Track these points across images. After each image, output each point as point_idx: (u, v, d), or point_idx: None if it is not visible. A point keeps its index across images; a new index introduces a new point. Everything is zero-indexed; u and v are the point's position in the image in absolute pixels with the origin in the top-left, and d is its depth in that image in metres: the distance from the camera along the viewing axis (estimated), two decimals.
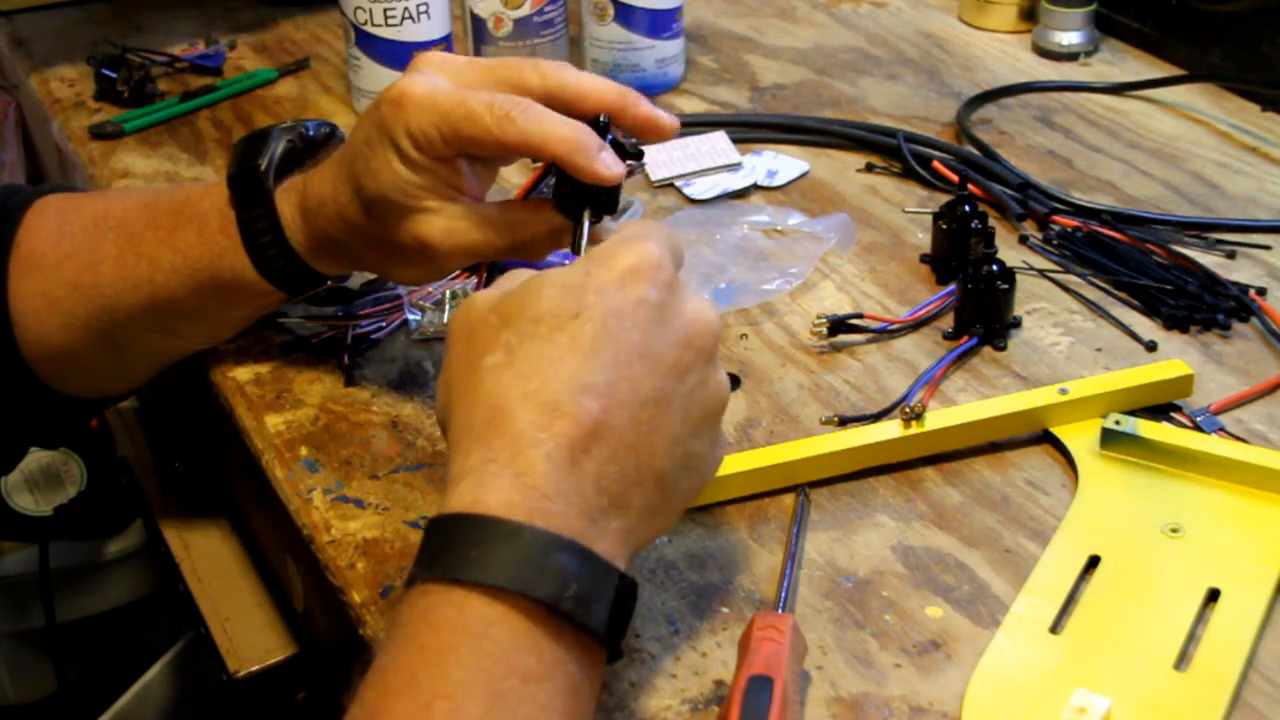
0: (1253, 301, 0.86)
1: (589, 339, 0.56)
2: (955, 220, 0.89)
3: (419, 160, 0.69)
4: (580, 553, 0.53)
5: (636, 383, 0.56)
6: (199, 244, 0.76)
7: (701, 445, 0.59)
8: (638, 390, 0.56)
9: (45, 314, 0.78)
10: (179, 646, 1.13)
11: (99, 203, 0.82)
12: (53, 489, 1.09)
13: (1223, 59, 1.15)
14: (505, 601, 0.52)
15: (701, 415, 0.59)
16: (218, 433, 0.93)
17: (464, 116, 0.67)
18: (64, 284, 0.78)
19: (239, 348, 0.86)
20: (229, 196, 0.75)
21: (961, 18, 1.30)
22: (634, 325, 0.57)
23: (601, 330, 0.56)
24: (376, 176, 0.69)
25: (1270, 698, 0.61)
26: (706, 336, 0.59)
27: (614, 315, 0.57)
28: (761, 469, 0.73)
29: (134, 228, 0.78)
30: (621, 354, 0.56)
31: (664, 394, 0.57)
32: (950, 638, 0.65)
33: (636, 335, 0.57)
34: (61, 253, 0.79)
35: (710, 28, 1.29)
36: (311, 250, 0.75)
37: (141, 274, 0.77)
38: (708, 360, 0.59)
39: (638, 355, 0.56)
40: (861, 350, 0.84)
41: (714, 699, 0.62)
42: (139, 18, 1.33)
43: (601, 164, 0.68)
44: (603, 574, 0.54)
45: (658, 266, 0.58)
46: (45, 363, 0.80)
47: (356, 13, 1.08)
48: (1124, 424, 0.73)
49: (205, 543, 1.03)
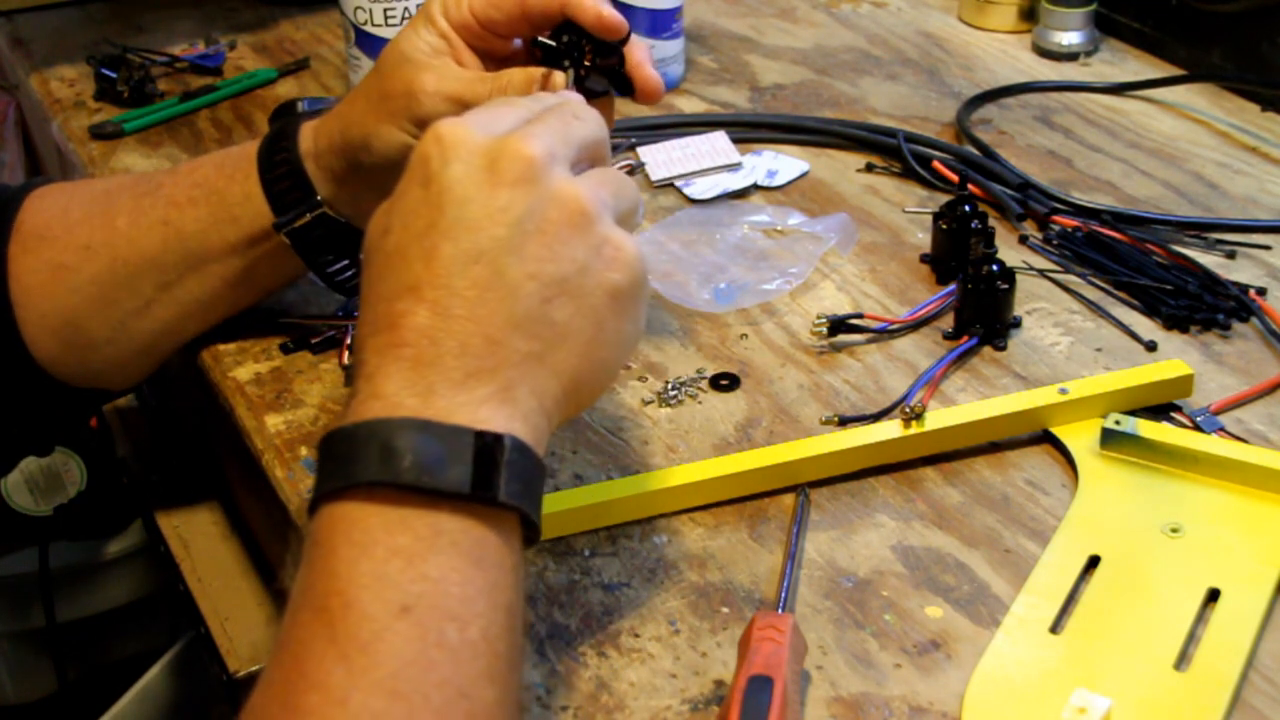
0: (1253, 301, 0.86)
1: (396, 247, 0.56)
2: (955, 220, 0.89)
3: (441, 26, 0.75)
4: (416, 425, 0.53)
5: (449, 259, 0.55)
6: (216, 173, 0.80)
7: (562, 264, 0.56)
8: (452, 265, 0.55)
9: (51, 284, 0.80)
10: (179, 646, 1.12)
11: (106, 180, 0.85)
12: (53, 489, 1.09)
13: (1223, 59, 1.15)
14: (362, 496, 0.52)
15: (547, 236, 0.56)
16: (218, 433, 0.93)
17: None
18: (74, 248, 0.80)
19: (239, 347, 0.86)
20: None
21: (961, 18, 1.30)
22: (431, 208, 0.56)
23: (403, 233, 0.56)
24: (397, 41, 0.76)
25: (1270, 698, 0.61)
26: (511, 161, 0.56)
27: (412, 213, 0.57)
28: (761, 469, 0.73)
29: (153, 179, 0.81)
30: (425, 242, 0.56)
31: (482, 250, 0.55)
32: (950, 638, 0.65)
33: (435, 215, 0.56)
34: (72, 220, 0.80)
35: (710, 28, 1.29)
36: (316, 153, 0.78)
37: (157, 215, 0.79)
38: (527, 181, 0.56)
39: (442, 233, 0.55)
40: (861, 350, 0.84)
41: (714, 699, 0.62)
42: (139, 18, 1.33)
43: (606, 9, 0.72)
44: (451, 437, 0.53)
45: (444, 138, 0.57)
46: (47, 341, 0.80)
47: (356, 13, 1.08)
48: (1124, 424, 0.73)
49: (205, 543, 1.03)
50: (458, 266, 0.55)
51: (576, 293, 0.57)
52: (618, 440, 0.77)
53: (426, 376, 0.54)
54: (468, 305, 0.55)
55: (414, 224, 0.56)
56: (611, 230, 0.58)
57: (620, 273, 0.58)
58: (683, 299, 0.88)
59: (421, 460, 0.52)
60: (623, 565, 0.69)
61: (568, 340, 0.57)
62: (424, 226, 0.56)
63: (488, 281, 0.55)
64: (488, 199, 0.56)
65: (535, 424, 0.56)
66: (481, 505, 0.53)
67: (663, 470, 0.73)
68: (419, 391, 0.54)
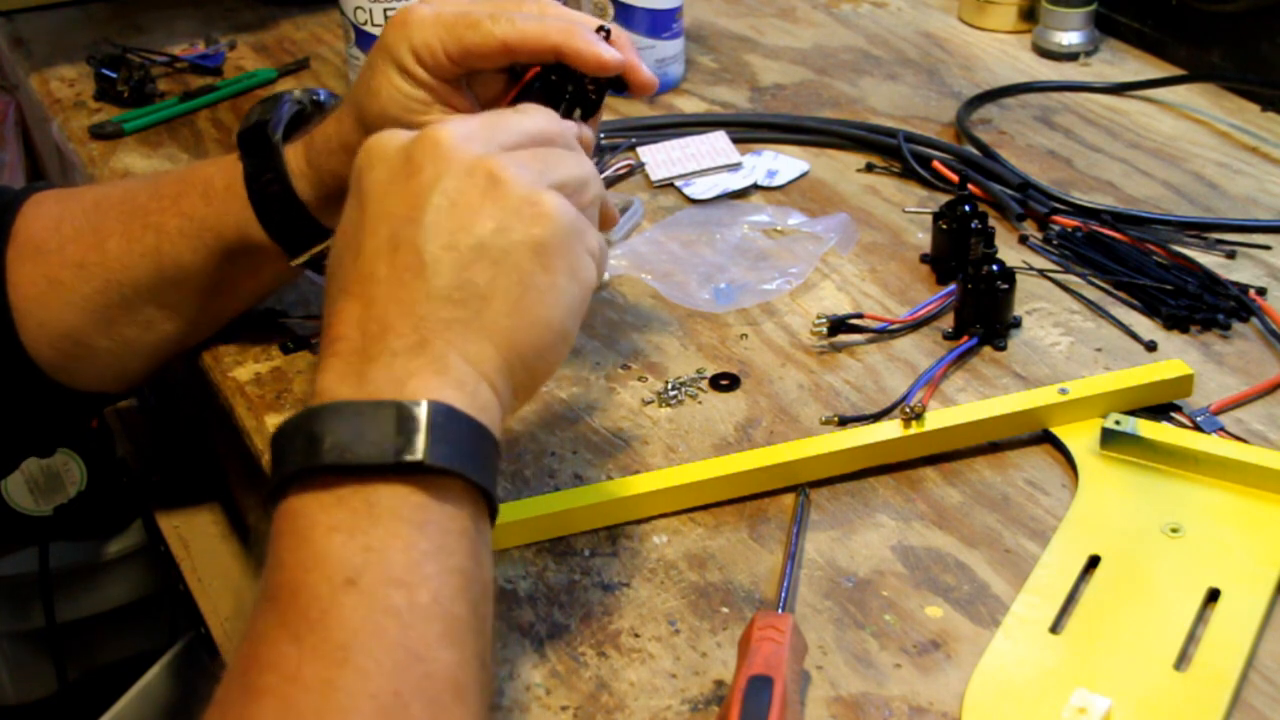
0: (1253, 301, 0.86)
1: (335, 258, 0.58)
2: (955, 220, 0.89)
3: (420, 75, 0.72)
4: (333, 409, 0.53)
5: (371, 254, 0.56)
6: (204, 206, 0.78)
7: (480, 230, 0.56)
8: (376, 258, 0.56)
9: (48, 297, 0.79)
10: (179, 646, 1.12)
11: (99, 189, 0.84)
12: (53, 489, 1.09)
13: (1223, 59, 1.15)
14: (296, 489, 0.53)
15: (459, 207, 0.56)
16: (218, 433, 0.93)
17: (466, 26, 0.71)
18: (68, 265, 0.79)
19: (239, 347, 0.86)
20: (238, 154, 0.77)
21: (961, 18, 1.30)
22: (360, 214, 0.57)
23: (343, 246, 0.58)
24: (378, 95, 0.73)
25: (1270, 698, 0.61)
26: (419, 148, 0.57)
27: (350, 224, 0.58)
28: (761, 469, 0.73)
29: (137, 201, 0.79)
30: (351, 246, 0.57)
31: (398, 236, 0.56)
32: (950, 638, 0.65)
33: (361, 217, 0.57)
34: (64, 236, 0.80)
35: (710, 28, 1.29)
36: (317, 200, 0.77)
37: (148, 244, 0.78)
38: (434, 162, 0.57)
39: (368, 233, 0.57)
40: (861, 350, 0.84)
41: (714, 699, 0.62)
42: (139, 18, 1.33)
43: (602, 48, 0.70)
44: (370, 412, 0.53)
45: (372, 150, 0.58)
46: (46, 350, 0.80)
47: (356, 13, 1.08)
48: (1124, 424, 0.73)
49: (205, 543, 1.03)
50: (379, 257, 0.56)
51: (497, 255, 0.56)
52: (618, 440, 0.77)
53: (356, 365, 0.55)
54: (389, 288, 0.55)
55: (346, 230, 0.58)
56: (530, 190, 0.57)
57: (541, 227, 0.57)
58: (683, 299, 0.88)
59: (339, 440, 0.52)
60: (623, 565, 0.69)
61: (493, 301, 0.56)
62: (353, 231, 0.57)
63: (406, 263, 0.56)
64: (403, 188, 0.57)
65: (474, 390, 0.55)
66: (413, 473, 0.53)
67: (662, 470, 0.73)
68: (350, 380, 0.54)
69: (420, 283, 0.55)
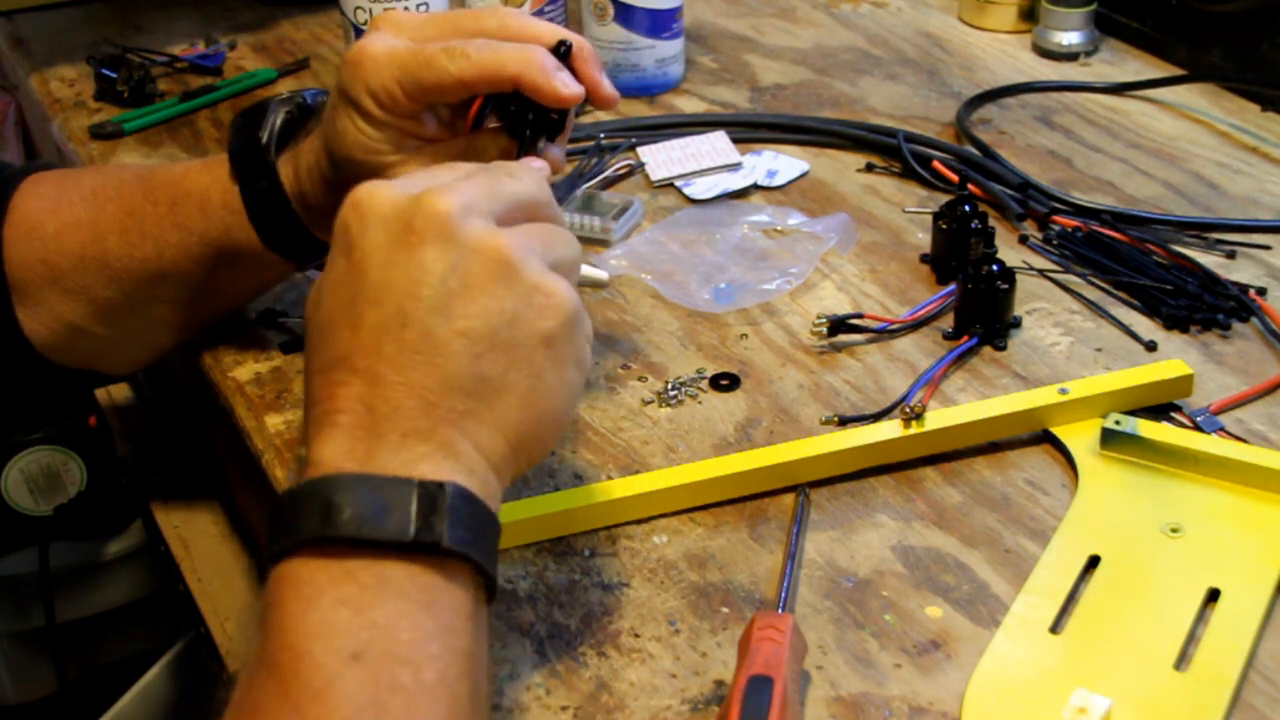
0: (1253, 301, 0.86)
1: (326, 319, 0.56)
2: (955, 220, 0.89)
3: (380, 117, 0.70)
4: (355, 480, 0.52)
5: (375, 327, 0.54)
6: (203, 220, 0.77)
7: (491, 317, 0.55)
8: (380, 332, 0.54)
9: (45, 281, 0.79)
10: (179, 646, 1.12)
11: (96, 176, 0.83)
12: (53, 489, 1.09)
13: (1223, 59, 1.15)
14: (306, 554, 0.52)
15: (471, 290, 0.55)
16: (218, 433, 0.93)
17: (421, 64, 0.69)
18: (66, 254, 0.79)
19: (239, 347, 0.86)
20: (230, 170, 0.76)
21: (961, 18, 1.30)
22: (355, 277, 0.55)
23: (331, 304, 0.56)
24: (343, 138, 0.71)
25: (1270, 698, 0.61)
26: (427, 219, 0.55)
27: (338, 284, 0.56)
28: (761, 469, 0.73)
29: (132, 200, 0.79)
30: (350, 312, 0.55)
31: (406, 314, 0.54)
32: (950, 638, 0.65)
33: (358, 284, 0.55)
34: (61, 221, 0.79)
35: (710, 28, 1.29)
36: (310, 216, 0.76)
37: (148, 252, 0.78)
38: (443, 238, 0.55)
39: (367, 301, 0.55)
40: (861, 350, 0.84)
41: (714, 699, 0.62)
42: (139, 18, 1.33)
43: (559, 82, 0.69)
44: (390, 488, 0.52)
45: (360, 204, 0.56)
46: (43, 331, 0.80)
47: (356, 13, 1.08)
48: (1124, 424, 0.73)
49: (205, 543, 1.03)
50: (386, 333, 0.54)
51: (508, 345, 0.56)
52: (618, 440, 0.77)
53: (364, 441, 0.54)
54: (399, 370, 0.54)
55: (340, 294, 0.56)
56: (541, 277, 0.57)
57: (553, 319, 0.57)
58: (683, 299, 0.88)
59: (361, 512, 0.51)
60: (623, 565, 0.69)
61: (504, 395, 0.56)
62: (349, 296, 0.55)
63: (416, 344, 0.54)
64: (407, 260, 0.55)
65: (483, 478, 0.55)
66: (427, 554, 0.52)
67: (663, 470, 0.73)
68: (357, 456, 0.53)
69: (432, 369, 0.54)
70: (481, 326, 0.55)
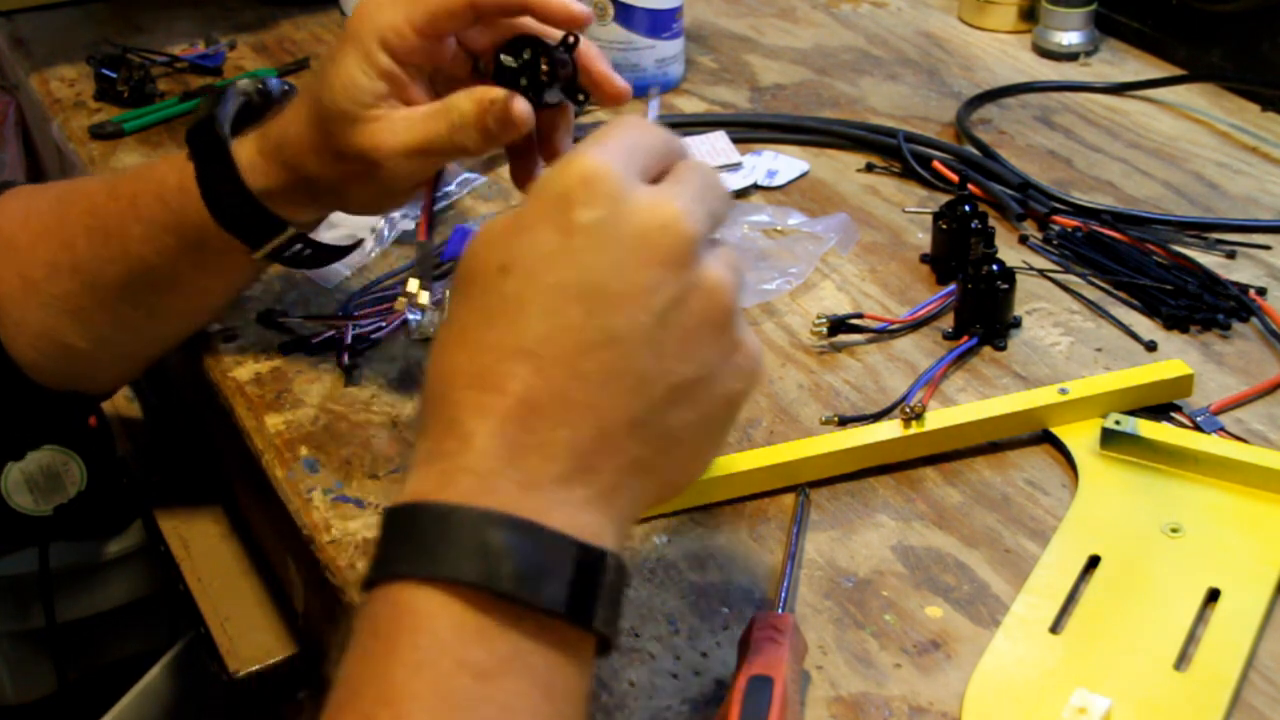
0: (1253, 301, 0.86)
1: (515, 293, 0.50)
2: (955, 220, 0.89)
3: (383, 64, 0.69)
4: (519, 526, 0.47)
5: (578, 330, 0.49)
6: (162, 208, 0.76)
7: (696, 366, 0.51)
8: (581, 338, 0.49)
9: (23, 296, 0.79)
10: (179, 646, 1.12)
11: (61, 184, 0.83)
12: (53, 489, 1.09)
13: (1223, 59, 1.15)
14: (442, 591, 0.47)
15: (688, 331, 0.50)
16: (218, 433, 0.93)
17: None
18: (40, 264, 0.79)
19: (239, 347, 0.86)
20: (187, 152, 0.76)
21: (961, 18, 1.30)
22: (568, 263, 0.49)
23: (528, 280, 0.49)
24: (332, 88, 0.70)
25: (1270, 698, 0.61)
26: (669, 237, 0.50)
27: (543, 258, 0.49)
28: (761, 469, 0.73)
29: (96, 200, 0.79)
30: (554, 301, 0.49)
31: (618, 331, 0.49)
32: (950, 638, 0.65)
33: (572, 274, 0.49)
34: (33, 233, 0.79)
35: (710, 28, 1.29)
36: (271, 192, 0.75)
37: (114, 250, 0.77)
38: (680, 264, 0.50)
39: (576, 297, 0.49)
40: (861, 350, 0.84)
41: (714, 699, 0.62)
42: (139, 18, 1.33)
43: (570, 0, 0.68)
44: (553, 546, 0.47)
45: (592, 179, 0.50)
46: (27, 350, 0.80)
47: None
48: (1124, 424, 0.73)
49: (205, 543, 1.03)
50: (588, 345, 0.49)
51: (700, 400, 0.51)
52: None
53: (529, 460, 0.48)
54: (589, 391, 0.49)
55: (543, 274, 0.49)
56: (744, 333, 0.53)
57: (745, 383, 0.53)
58: None
59: (522, 568, 0.46)
60: None
61: (678, 449, 0.52)
62: (555, 282, 0.49)
63: (617, 369, 0.49)
64: (635, 273, 0.49)
65: (624, 530, 0.51)
66: (569, 627, 0.48)
67: None
68: (518, 478, 0.48)
69: (623, 401, 0.49)
70: (684, 373, 0.50)
